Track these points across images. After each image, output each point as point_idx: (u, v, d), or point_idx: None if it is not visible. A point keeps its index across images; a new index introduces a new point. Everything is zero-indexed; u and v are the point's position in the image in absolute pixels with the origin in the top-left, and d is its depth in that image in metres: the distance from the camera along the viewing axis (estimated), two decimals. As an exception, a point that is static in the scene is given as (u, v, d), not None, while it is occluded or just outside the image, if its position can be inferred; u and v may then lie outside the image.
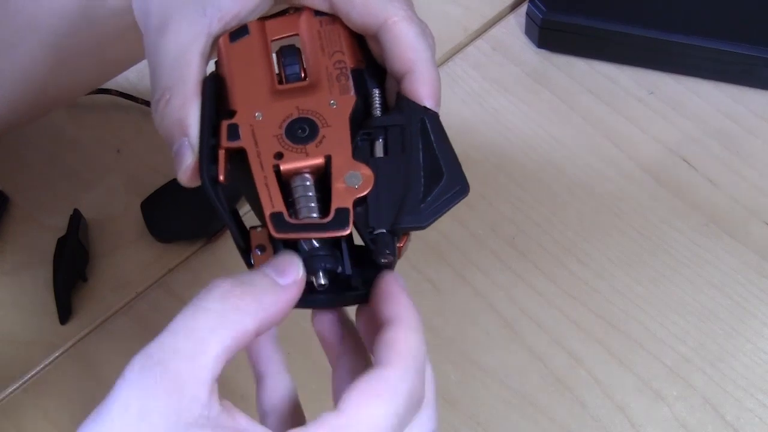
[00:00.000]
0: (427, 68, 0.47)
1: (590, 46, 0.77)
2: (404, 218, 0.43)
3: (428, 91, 0.46)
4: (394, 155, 0.45)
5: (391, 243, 0.43)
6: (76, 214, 0.70)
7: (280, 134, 0.45)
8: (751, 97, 0.75)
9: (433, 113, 0.46)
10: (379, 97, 0.47)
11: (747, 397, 0.61)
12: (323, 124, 0.45)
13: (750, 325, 0.64)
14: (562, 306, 0.66)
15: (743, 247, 0.67)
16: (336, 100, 0.46)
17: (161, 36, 0.47)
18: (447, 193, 0.44)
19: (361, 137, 0.45)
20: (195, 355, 0.38)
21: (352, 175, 0.44)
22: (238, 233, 0.45)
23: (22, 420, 0.64)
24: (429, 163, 0.45)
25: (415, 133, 0.45)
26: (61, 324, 0.67)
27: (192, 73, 0.46)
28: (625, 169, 0.72)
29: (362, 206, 0.43)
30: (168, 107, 0.46)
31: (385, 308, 0.42)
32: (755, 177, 0.71)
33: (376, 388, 0.39)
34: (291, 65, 0.47)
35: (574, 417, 0.61)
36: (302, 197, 0.44)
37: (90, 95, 0.77)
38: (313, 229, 0.43)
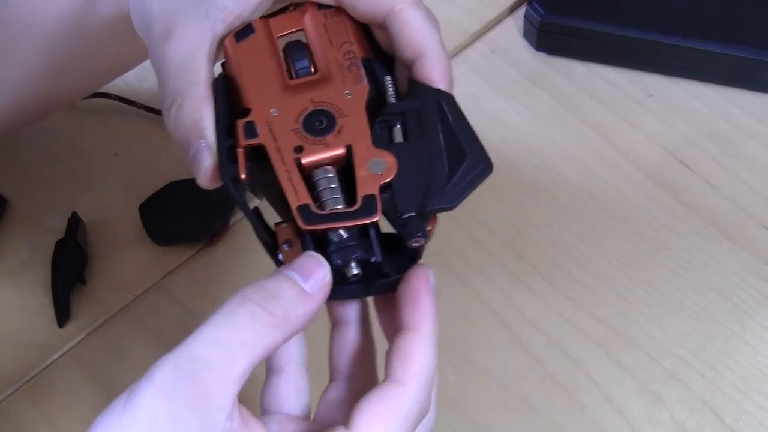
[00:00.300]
0: (438, 52, 0.47)
1: (589, 49, 0.77)
2: (432, 200, 0.43)
3: (440, 74, 0.47)
4: (413, 139, 0.45)
5: (422, 226, 0.43)
6: (75, 217, 0.70)
7: (297, 128, 0.45)
8: (750, 100, 0.75)
9: (448, 95, 0.46)
10: (392, 84, 0.47)
11: (746, 400, 0.61)
12: (340, 114, 0.45)
13: (749, 327, 0.64)
14: (561, 308, 0.66)
15: (742, 250, 0.67)
16: (350, 90, 0.46)
17: (166, 42, 0.47)
18: (471, 173, 0.44)
19: (379, 125, 0.45)
20: (225, 370, 0.38)
21: (375, 162, 0.44)
22: (263, 230, 0.45)
23: (20, 422, 0.64)
24: (450, 144, 0.45)
25: (432, 116, 0.45)
26: (59, 326, 0.67)
27: (201, 76, 0.46)
28: (624, 172, 0.72)
29: (388, 192, 0.43)
30: (181, 112, 0.46)
31: (407, 310, 0.43)
32: (754, 180, 0.71)
33: (388, 410, 0.40)
34: (300, 60, 0.47)
35: (573, 419, 0.61)
36: (326, 189, 0.43)
37: (89, 99, 0.77)
38: (342, 218, 0.43)
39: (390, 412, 0.40)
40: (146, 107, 0.77)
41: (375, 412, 0.40)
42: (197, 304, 0.68)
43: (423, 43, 0.47)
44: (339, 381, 0.46)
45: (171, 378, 0.38)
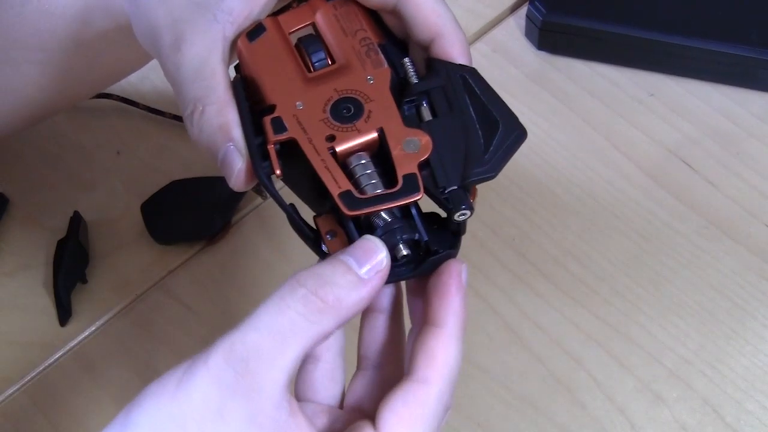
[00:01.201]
0: (454, 29, 0.47)
1: (590, 48, 0.77)
2: (473, 171, 0.43)
3: (460, 50, 0.47)
4: (443, 115, 0.45)
5: (466, 198, 0.43)
6: (76, 216, 0.70)
7: (326, 117, 0.45)
8: (752, 99, 0.75)
9: (471, 69, 0.47)
10: (412, 65, 0.47)
11: (747, 399, 0.61)
12: (366, 99, 0.45)
13: (750, 327, 0.64)
14: (562, 307, 0.66)
15: (743, 249, 0.67)
16: (372, 74, 0.46)
17: (177, 51, 0.47)
18: (507, 140, 0.44)
19: (406, 105, 0.45)
20: (275, 357, 0.38)
21: (409, 142, 0.44)
22: (304, 224, 0.44)
23: (21, 421, 0.64)
24: (481, 115, 0.45)
25: (459, 90, 0.45)
26: (60, 325, 0.67)
27: (219, 80, 0.46)
28: (625, 171, 0.72)
29: (426, 170, 0.43)
30: (204, 117, 0.45)
31: (435, 305, 0.43)
32: (755, 179, 0.71)
33: (414, 411, 0.40)
34: (316, 52, 0.47)
35: (574, 418, 0.61)
36: (363, 175, 0.43)
37: (91, 99, 0.77)
38: (386, 199, 0.42)
39: (416, 413, 0.40)
40: (148, 108, 0.77)
41: (401, 414, 0.40)
42: (198, 303, 0.68)
43: (439, 23, 0.47)
44: (367, 369, 0.46)
45: (223, 364, 0.38)
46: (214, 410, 0.38)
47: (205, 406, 0.38)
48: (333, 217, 0.44)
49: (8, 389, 0.65)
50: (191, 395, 0.38)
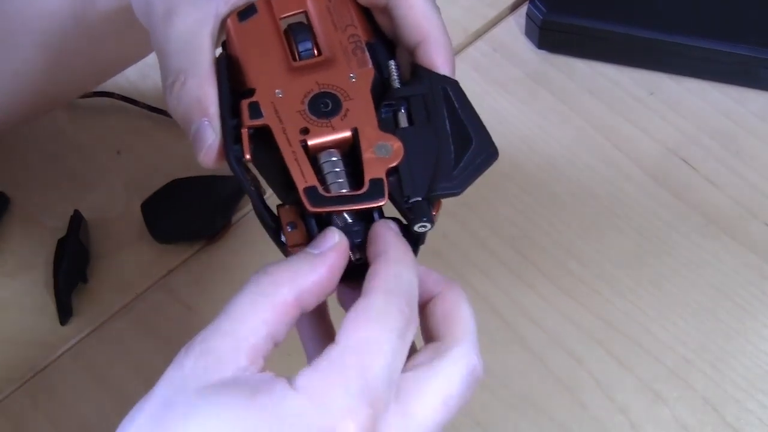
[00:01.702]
0: (441, 35, 0.47)
1: (590, 47, 0.77)
2: (439, 185, 0.44)
3: (444, 59, 0.47)
4: (419, 125, 0.45)
5: (428, 211, 0.43)
6: (77, 215, 0.70)
7: (303, 110, 0.45)
8: (751, 97, 0.75)
9: (453, 81, 0.46)
10: (396, 69, 0.47)
11: (747, 398, 0.61)
12: (345, 97, 0.45)
13: (750, 326, 0.64)
14: (562, 307, 0.66)
15: (743, 248, 0.67)
16: (355, 73, 0.46)
17: (168, 23, 0.47)
18: (478, 158, 0.45)
19: (384, 109, 0.45)
20: (233, 331, 0.39)
21: (382, 146, 0.44)
22: (266, 212, 0.44)
23: (21, 421, 0.64)
24: (456, 130, 0.45)
25: (438, 102, 0.45)
26: (61, 325, 0.67)
27: (205, 54, 0.46)
28: (625, 170, 0.72)
29: (394, 176, 0.43)
30: (184, 89, 0.46)
31: (370, 250, 0.42)
32: (755, 178, 0.71)
33: (364, 314, 0.39)
34: (303, 41, 0.47)
35: (574, 418, 0.61)
36: (331, 173, 0.43)
37: (91, 97, 0.77)
38: (349, 201, 0.43)
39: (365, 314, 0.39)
40: (148, 106, 0.77)
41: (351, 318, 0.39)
42: (199, 303, 0.68)
43: (427, 27, 0.47)
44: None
45: (185, 350, 0.39)
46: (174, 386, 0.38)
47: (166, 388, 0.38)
48: (296, 209, 0.44)
49: (8, 388, 0.65)
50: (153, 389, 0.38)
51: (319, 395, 0.38)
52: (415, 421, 0.40)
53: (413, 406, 0.40)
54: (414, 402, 0.40)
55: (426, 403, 0.40)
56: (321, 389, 0.38)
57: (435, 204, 0.44)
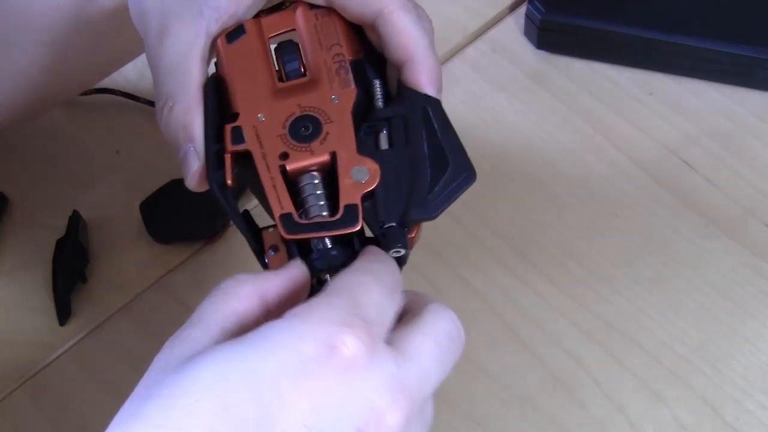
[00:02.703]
0: (426, 55, 0.47)
1: (589, 47, 0.77)
2: (413, 210, 0.44)
3: (428, 79, 0.47)
4: (398, 146, 0.45)
5: (402, 236, 0.43)
6: (76, 215, 0.70)
7: (284, 134, 0.45)
8: (750, 98, 0.75)
9: (435, 101, 0.46)
10: (381, 88, 0.47)
11: (746, 398, 0.61)
12: (326, 120, 0.45)
13: (749, 326, 0.64)
14: (562, 306, 0.66)
15: (742, 248, 0.67)
16: (337, 94, 0.46)
17: (161, 41, 0.47)
18: (454, 182, 0.44)
19: (365, 130, 0.45)
20: (205, 321, 0.40)
21: (359, 170, 0.44)
22: (250, 235, 0.45)
23: (20, 421, 0.64)
24: (434, 153, 0.45)
25: (417, 123, 0.45)
26: (60, 325, 0.67)
27: (193, 79, 0.47)
28: (624, 170, 0.72)
29: (371, 201, 0.44)
30: (172, 114, 0.46)
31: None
32: (754, 178, 0.71)
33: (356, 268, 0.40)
34: (291, 62, 0.47)
35: (574, 417, 0.61)
36: (311, 196, 0.44)
37: (91, 95, 0.77)
38: (324, 227, 0.43)
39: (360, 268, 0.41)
40: (150, 102, 0.77)
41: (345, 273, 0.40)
42: (198, 303, 0.67)
43: (411, 47, 0.47)
44: None
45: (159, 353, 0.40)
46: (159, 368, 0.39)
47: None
48: (278, 232, 0.44)
49: (7, 388, 0.65)
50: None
51: (308, 316, 0.37)
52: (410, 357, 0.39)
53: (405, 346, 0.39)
54: (405, 344, 0.39)
55: (417, 341, 0.40)
56: (309, 312, 0.37)
57: (412, 227, 0.45)
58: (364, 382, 0.37)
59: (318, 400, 0.36)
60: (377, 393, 0.37)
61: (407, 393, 0.38)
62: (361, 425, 0.36)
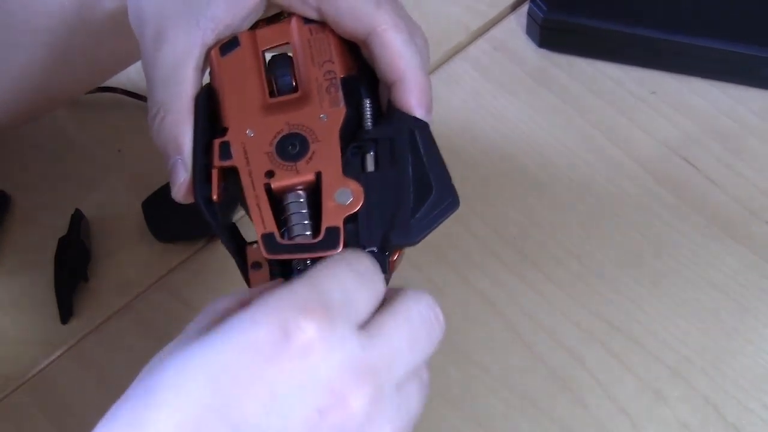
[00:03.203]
0: (416, 76, 0.46)
1: (592, 46, 0.77)
2: (394, 235, 0.44)
3: (417, 100, 0.46)
4: (384, 169, 0.45)
5: (383, 260, 0.43)
6: (78, 214, 0.70)
7: (270, 151, 0.45)
8: (753, 97, 0.75)
9: (423, 124, 0.46)
10: (370, 108, 0.47)
11: (748, 398, 0.61)
12: (313, 139, 0.45)
13: (751, 325, 0.64)
14: (564, 306, 0.66)
15: (744, 248, 0.67)
16: (326, 113, 0.46)
17: (156, 48, 0.48)
18: (437, 208, 0.44)
19: (352, 150, 0.45)
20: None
21: (342, 192, 0.44)
22: (235, 250, 0.46)
23: (22, 420, 0.64)
24: (418, 177, 0.45)
25: (404, 146, 0.45)
26: (62, 324, 0.67)
27: (186, 89, 0.47)
28: (626, 169, 0.72)
29: (353, 224, 0.44)
30: (163, 124, 0.47)
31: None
32: (757, 177, 0.71)
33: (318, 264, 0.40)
34: (283, 76, 0.47)
35: (575, 417, 0.61)
36: (294, 214, 0.44)
37: (92, 93, 0.77)
38: (304, 249, 0.43)
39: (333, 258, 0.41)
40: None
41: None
42: (200, 301, 0.68)
43: (401, 67, 0.46)
44: None
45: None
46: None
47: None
48: None
49: (9, 387, 0.65)
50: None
51: (265, 304, 0.37)
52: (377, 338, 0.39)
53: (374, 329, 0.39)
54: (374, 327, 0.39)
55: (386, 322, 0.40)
56: (266, 300, 0.38)
57: (393, 251, 0.45)
58: (323, 364, 0.37)
59: (276, 385, 0.36)
60: (337, 375, 0.37)
61: (373, 375, 0.38)
62: (322, 407, 0.36)
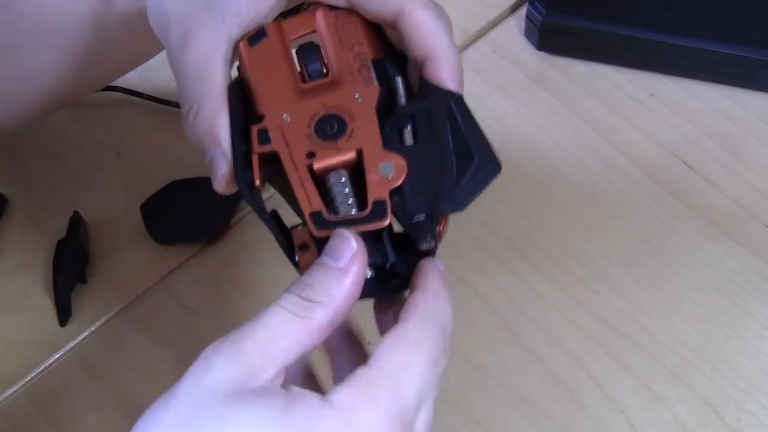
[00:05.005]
0: (447, 52, 0.47)
1: (590, 49, 0.77)
2: (441, 203, 0.44)
3: (450, 75, 0.47)
4: (423, 142, 0.45)
5: (431, 228, 0.44)
6: (76, 216, 0.70)
7: (309, 133, 0.45)
8: (751, 99, 0.75)
9: (457, 96, 0.47)
10: (403, 85, 0.47)
11: (747, 399, 0.61)
12: (351, 118, 0.46)
13: (750, 327, 0.64)
14: (562, 307, 0.66)
15: (743, 249, 0.67)
16: (360, 92, 0.46)
17: (183, 48, 0.48)
18: (480, 174, 0.45)
19: (390, 127, 0.46)
20: (267, 343, 0.39)
21: (385, 166, 0.44)
22: (280, 233, 0.45)
23: (21, 422, 0.64)
24: (459, 146, 0.45)
25: (441, 118, 0.46)
26: (60, 326, 0.67)
27: (217, 83, 0.47)
28: (625, 171, 0.72)
29: (398, 195, 0.44)
30: (198, 119, 0.47)
31: (413, 282, 0.43)
32: (755, 179, 0.71)
33: (401, 339, 0.41)
34: (312, 63, 0.48)
35: (574, 418, 0.61)
36: (339, 194, 0.44)
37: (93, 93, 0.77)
38: (353, 223, 0.43)
39: (402, 339, 0.41)
40: (154, 98, 0.77)
41: (387, 344, 0.41)
42: (198, 304, 0.68)
43: (432, 44, 0.47)
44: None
45: (213, 348, 0.39)
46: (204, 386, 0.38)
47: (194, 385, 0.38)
48: (308, 231, 0.44)
49: (8, 389, 0.65)
50: (180, 383, 0.39)
51: (352, 413, 0.39)
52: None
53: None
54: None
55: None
56: (354, 407, 0.39)
57: (440, 220, 0.45)
58: None
59: None
60: None
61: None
62: None
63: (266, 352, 0.39)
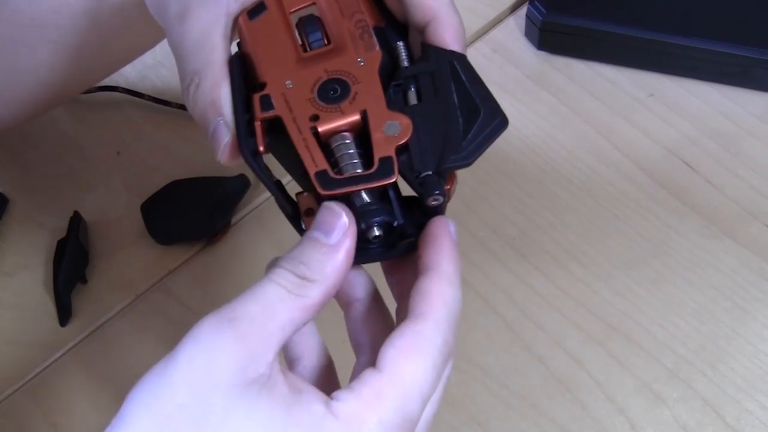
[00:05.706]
0: (449, 13, 0.47)
1: (590, 48, 0.77)
2: (448, 158, 0.44)
3: (453, 36, 0.47)
4: (428, 100, 0.45)
5: (439, 183, 0.43)
6: (77, 216, 0.70)
7: (312, 97, 0.45)
8: (750, 98, 0.75)
9: (460, 55, 0.47)
10: (405, 49, 0.47)
11: (747, 399, 0.61)
12: (354, 81, 0.46)
13: (750, 326, 0.64)
14: (563, 307, 0.66)
15: (743, 249, 0.67)
16: (363, 57, 0.46)
17: (183, 23, 0.48)
18: (486, 128, 0.45)
19: (393, 89, 0.46)
20: (264, 321, 0.39)
21: (390, 125, 0.44)
22: (284, 200, 0.45)
23: (22, 422, 0.64)
24: (464, 103, 0.45)
25: (445, 76, 0.46)
26: (60, 326, 0.67)
27: (217, 55, 0.47)
28: (625, 171, 0.72)
29: (404, 154, 0.44)
30: (199, 91, 0.47)
31: (425, 254, 0.43)
32: (755, 178, 0.71)
33: (413, 344, 0.40)
34: (313, 32, 0.48)
35: (575, 418, 0.61)
36: (344, 155, 0.44)
37: (92, 93, 0.77)
38: (360, 181, 0.43)
39: (414, 345, 0.41)
40: (155, 99, 0.77)
41: (399, 347, 0.40)
42: (198, 304, 0.68)
43: (434, 6, 0.47)
44: (364, 354, 0.45)
45: (209, 327, 0.39)
46: (200, 369, 0.38)
47: (190, 366, 0.38)
48: (314, 195, 0.44)
49: (8, 389, 0.65)
50: (176, 363, 0.39)
51: (357, 426, 0.39)
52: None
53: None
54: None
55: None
56: (359, 420, 0.39)
57: (448, 177, 0.45)
58: None
59: None
60: None
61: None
62: None
63: (264, 331, 0.39)
